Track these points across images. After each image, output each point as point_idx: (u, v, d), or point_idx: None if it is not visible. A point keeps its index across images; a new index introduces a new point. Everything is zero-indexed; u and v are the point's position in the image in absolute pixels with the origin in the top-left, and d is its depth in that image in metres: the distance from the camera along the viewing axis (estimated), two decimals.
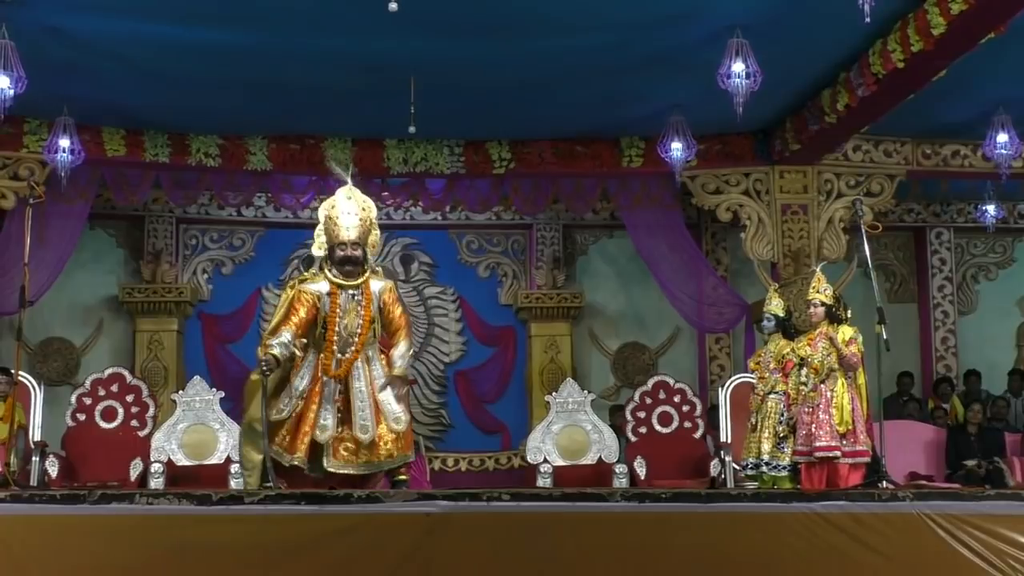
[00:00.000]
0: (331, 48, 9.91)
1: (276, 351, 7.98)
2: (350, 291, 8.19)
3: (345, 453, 8.10)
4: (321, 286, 8.22)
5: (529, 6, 9.36)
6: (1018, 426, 13.22)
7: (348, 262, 8.19)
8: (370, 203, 8.45)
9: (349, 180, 8.42)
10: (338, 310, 8.13)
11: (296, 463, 8.00)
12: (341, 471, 8.07)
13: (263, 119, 11.90)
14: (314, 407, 8.08)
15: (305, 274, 8.56)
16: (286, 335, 8.06)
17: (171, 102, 11.23)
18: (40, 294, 11.73)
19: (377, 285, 8.29)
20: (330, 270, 8.25)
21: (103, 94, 10.96)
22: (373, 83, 10.62)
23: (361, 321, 8.14)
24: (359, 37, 9.70)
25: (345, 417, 8.13)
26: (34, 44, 9.48)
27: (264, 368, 7.95)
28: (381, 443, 8.12)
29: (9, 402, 10.28)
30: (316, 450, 8.10)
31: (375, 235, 8.48)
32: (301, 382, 8.14)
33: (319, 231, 8.44)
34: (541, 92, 11.04)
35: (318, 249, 8.46)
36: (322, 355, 8.16)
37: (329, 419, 8.08)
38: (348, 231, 8.16)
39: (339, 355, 8.15)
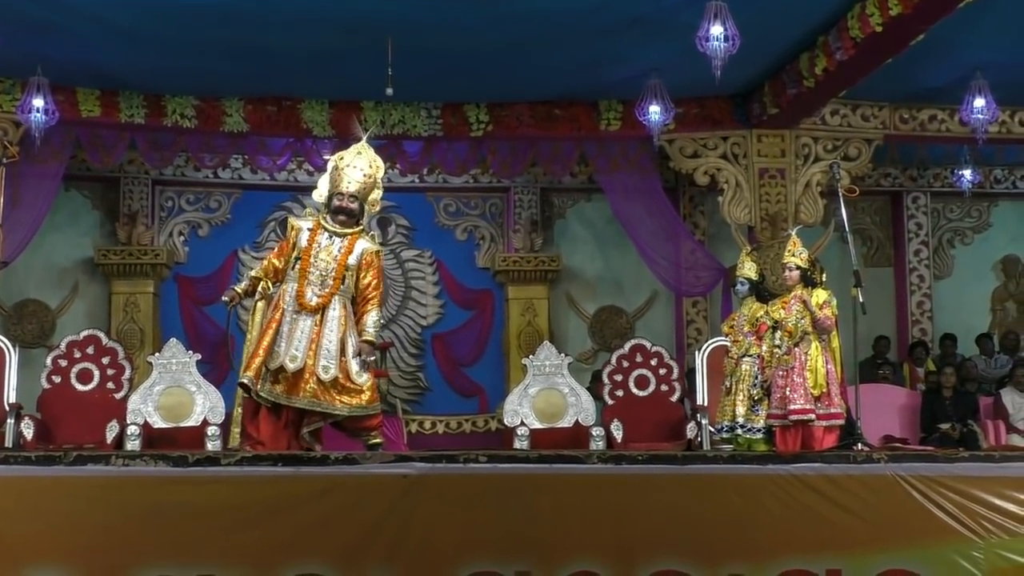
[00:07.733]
0: (308, 8, 9.85)
1: (240, 286, 8.30)
2: (334, 237, 8.20)
3: (308, 388, 8.02)
4: (307, 222, 8.35)
5: None
6: (990, 389, 13.31)
7: (342, 212, 8.24)
8: (380, 163, 8.50)
9: (364, 138, 8.45)
10: (315, 245, 8.15)
11: (245, 382, 7.94)
12: (295, 404, 8.00)
13: (240, 80, 11.81)
14: (271, 333, 8.04)
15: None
16: (259, 266, 8.43)
17: (147, 62, 11.14)
18: (15, 256, 11.67)
19: (364, 243, 8.28)
20: (324, 217, 8.29)
21: (78, 54, 10.85)
22: (350, 44, 10.55)
23: (335, 265, 8.12)
24: None
25: (312, 352, 8.04)
26: (7, 2, 9.39)
27: (225, 301, 8.20)
28: (337, 391, 8.05)
29: None
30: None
31: (377, 194, 8.51)
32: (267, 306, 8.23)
33: (323, 179, 8.50)
34: (519, 54, 10.99)
35: (318, 196, 8.50)
36: (297, 286, 8.11)
37: (283, 347, 8.01)
38: (350, 184, 8.23)
39: (316, 289, 8.12)
